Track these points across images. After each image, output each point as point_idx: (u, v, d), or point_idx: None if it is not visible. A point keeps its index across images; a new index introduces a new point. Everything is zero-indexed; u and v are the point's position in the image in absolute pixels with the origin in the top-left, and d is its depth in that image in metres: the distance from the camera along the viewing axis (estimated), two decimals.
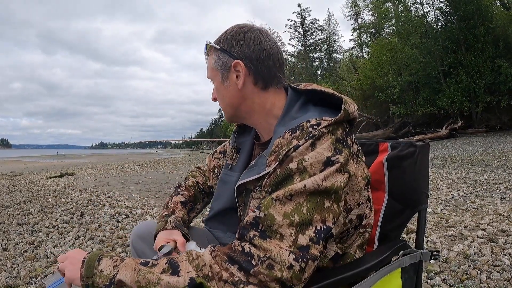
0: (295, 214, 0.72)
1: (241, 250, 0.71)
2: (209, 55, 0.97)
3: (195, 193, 1.24)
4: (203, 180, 1.28)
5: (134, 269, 0.73)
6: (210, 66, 0.96)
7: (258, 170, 0.86)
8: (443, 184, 5.29)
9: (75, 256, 0.81)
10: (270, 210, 0.73)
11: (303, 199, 0.73)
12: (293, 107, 0.91)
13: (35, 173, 11.33)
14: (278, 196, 0.74)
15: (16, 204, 5.00)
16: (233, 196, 0.96)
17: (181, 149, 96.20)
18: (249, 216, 0.75)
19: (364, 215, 0.90)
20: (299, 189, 0.73)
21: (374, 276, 0.83)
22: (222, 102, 0.98)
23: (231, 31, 0.94)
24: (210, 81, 1.00)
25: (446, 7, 23.20)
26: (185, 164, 14.24)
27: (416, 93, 22.57)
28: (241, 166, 1.03)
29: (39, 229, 3.49)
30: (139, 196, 5.65)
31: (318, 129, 0.77)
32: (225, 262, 0.71)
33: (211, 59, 0.95)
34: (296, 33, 51.60)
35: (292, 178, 0.74)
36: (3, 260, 2.58)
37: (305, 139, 0.76)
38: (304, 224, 0.71)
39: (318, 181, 0.73)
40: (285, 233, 0.70)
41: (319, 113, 0.84)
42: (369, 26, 37.58)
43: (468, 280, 1.93)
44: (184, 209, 1.17)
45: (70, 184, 7.51)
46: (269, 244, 0.70)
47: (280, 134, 0.83)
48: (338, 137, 0.78)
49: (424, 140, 1.03)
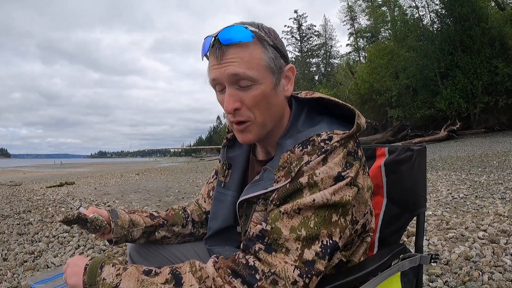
0: (302, 228, 0.70)
1: (245, 263, 0.70)
2: (249, 47, 0.76)
3: (175, 215, 1.14)
4: (194, 209, 1.19)
5: (137, 280, 0.72)
6: (260, 63, 0.77)
7: (264, 185, 0.79)
8: (443, 186, 5.29)
9: (76, 263, 0.79)
10: (277, 223, 0.71)
11: (311, 213, 0.71)
12: (298, 119, 0.86)
13: (34, 183, 11.30)
14: (286, 209, 0.72)
15: (16, 214, 4.98)
16: (230, 214, 0.94)
17: (181, 157, 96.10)
18: (255, 228, 0.73)
19: (367, 222, 0.89)
20: (308, 203, 0.71)
21: (374, 280, 0.83)
22: (266, 113, 0.80)
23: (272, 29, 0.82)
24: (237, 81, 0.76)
25: (441, 9, 23.37)
26: (185, 172, 14.21)
27: (414, 95, 22.65)
28: (235, 184, 0.98)
29: (39, 239, 3.48)
30: (139, 204, 5.63)
31: (331, 144, 0.74)
32: (228, 275, 0.69)
33: (261, 54, 0.77)
34: (293, 39, 51.95)
35: (301, 192, 0.72)
36: (4, 270, 2.57)
37: (317, 155, 0.73)
38: (310, 239, 0.70)
39: (327, 196, 0.71)
40: (291, 247, 0.69)
41: (328, 126, 0.80)
42: (365, 30, 37.76)
43: (470, 282, 1.93)
44: (147, 218, 1.09)
45: (69, 193, 7.50)
46: (274, 258, 0.69)
47: (287, 148, 0.78)
48: (350, 150, 0.76)
49: (421, 144, 1.04)
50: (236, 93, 0.77)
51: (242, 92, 0.77)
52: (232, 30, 0.75)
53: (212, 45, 0.78)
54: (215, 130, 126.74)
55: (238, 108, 0.78)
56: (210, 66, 0.79)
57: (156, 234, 1.09)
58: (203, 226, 1.17)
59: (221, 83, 0.79)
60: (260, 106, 0.78)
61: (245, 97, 0.77)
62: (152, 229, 1.08)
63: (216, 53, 0.77)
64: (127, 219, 1.04)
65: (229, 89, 0.77)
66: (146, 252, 1.11)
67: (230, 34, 0.75)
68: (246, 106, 0.78)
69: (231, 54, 0.75)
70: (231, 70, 0.75)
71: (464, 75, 20.18)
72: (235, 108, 0.78)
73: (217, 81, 0.79)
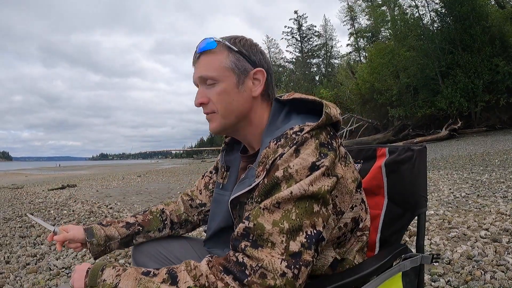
0: (284, 221, 0.72)
1: (235, 261, 0.72)
2: (217, 54, 0.89)
3: (152, 220, 1.18)
4: (174, 209, 1.22)
5: (135, 279, 0.75)
6: (220, 65, 0.89)
7: (249, 182, 0.85)
8: (445, 185, 5.28)
9: (81, 268, 0.84)
10: (259, 219, 0.73)
11: (291, 205, 0.73)
12: (277, 118, 0.92)
13: (36, 186, 11.32)
14: (266, 205, 0.74)
15: (18, 217, 5.00)
16: (228, 214, 0.96)
17: (182, 158, 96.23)
18: (239, 227, 0.76)
19: (360, 218, 0.90)
20: (286, 196, 0.73)
21: (375, 281, 0.83)
22: (227, 106, 0.90)
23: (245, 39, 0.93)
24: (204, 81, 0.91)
25: (441, 8, 23.32)
26: (186, 174, 14.22)
27: (415, 95, 22.61)
28: (232, 185, 1.02)
29: (41, 242, 3.49)
30: (141, 206, 5.64)
31: (301, 135, 0.78)
32: (220, 272, 0.72)
33: (224, 58, 0.89)
34: (293, 40, 51.92)
35: (279, 186, 0.75)
36: (6, 273, 2.57)
37: (289, 146, 0.77)
38: (294, 230, 0.72)
39: (304, 186, 0.73)
40: (276, 240, 0.71)
41: (302, 120, 0.85)
42: (365, 30, 37.73)
43: (473, 281, 1.93)
44: (123, 228, 1.14)
45: (71, 196, 7.51)
46: (260, 253, 0.71)
47: (266, 145, 0.83)
48: (322, 141, 0.79)
49: (421, 144, 1.04)
50: (204, 91, 0.92)
51: (208, 90, 0.91)
52: (204, 42, 0.91)
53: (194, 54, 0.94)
54: None
55: (205, 103, 0.92)
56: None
57: (134, 241, 1.17)
58: (182, 227, 1.22)
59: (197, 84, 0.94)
60: (222, 100, 0.90)
61: (210, 93, 0.91)
62: (128, 239, 1.15)
63: (194, 59, 0.94)
64: (103, 235, 1.11)
65: (200, 88, 0.93)
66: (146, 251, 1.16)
67: (201, 44, 0.91)
68: (211, 101, 0.91)
69: (201, 60, 0.91)
70: (198, 73, 0.92)
71: (464, 74, 20.14)
72: (200, 102, 0.92)
73: (195, 82, 0.95)
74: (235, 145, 1.10)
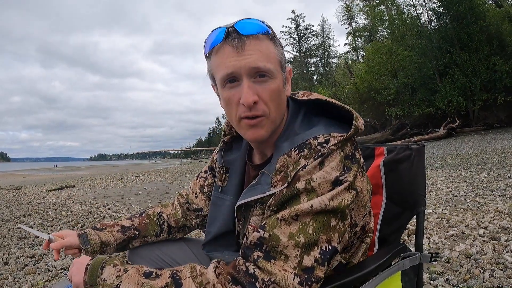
0: (300, 234, 0.69)
1: (245, 271, 0.69)
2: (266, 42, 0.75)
3: (149, 224, 1.14)
4: (171, 213, 1.17)
5: (137, 282, 0.72)
6: (275, 57, 0.76)
7: (262, 189, 0.78)
8: (443, 184, 5.29)
9: (80, 262, 0.81)
10: (275, 230, 0.70)
11: (309, 219, 0.70)
12: (295, 121, 0.84)
13: (34, 186, 11.28)
14: (284, 216, 0.70)
15: (16, 218, 4.98)
16: (229, 219, 0.92)
17: (180, 158, 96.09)
18: (253, 236, 0.72)
19: (366, 223, 0.88)
20: (306, 209, 0.69)
21: (374, 280, 0.83)
22: (278, 107, 0.78)
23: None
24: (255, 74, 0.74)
25: (438, 7, 23.36)
26: (184, 174, 14.20)
27: (413, 94, 22.65)
28: (233, 189, 0.96)
29: (39, 243, 3.47)
30: (139, 207, 5.63)
31: (327, 147, 0.72)
32: (228, 282, 0.69)
33: (274, 49, 0.76)
34: (291, 39, 51.85)
35: (298, 197, 0.71)
36: (5, 274, 2.56)
37: (314, 158, 0.71)
38: (309, 245, 0.69)
39: (326, 201, 0.69)
40: (290, 254, 0.68)
41: (325, 128, 0.78)
42: (363, 29, 37.75)
43: (471, 280, 1.93)
44: (118, 233, 1.09)
45: (70, 196, 7.49)
46: (273, 266, 0.68)
47: (283, 151, 0.76)
48: (347, 153, 0.74)
49: (420, 143, 1.04)
50: (254, 86, 0.74)
51: (258, 86, 0.75)
52: (250, 22, 0.74)
53: (226, 36, 0.74)
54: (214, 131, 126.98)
55: (256, 102, 0.75)
56: (225, 58, 0.74)
57: (130, 246, 1.12)
58: (180, 231, 1.17)
59: (237, 76, 0.75)
60: (275, 101, 0.77)
61: (261, 91, 0.75)
62: (124, 243, 1.11)
63: (235, 43, 0.73)
64: (98, 241, 1.07)
65: (247, 81, 0.74)
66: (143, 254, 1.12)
67: (248, 25, 0.74)
68: (263, 100, 0.75)
69: (252, 46, 0.73)
70: (253, 62, 0.72)
71: (462, 72, 20.18)
72: (255, 101, 0.74)
73: (235, 74, 0.74)
74: (234, 144, 1.02)
